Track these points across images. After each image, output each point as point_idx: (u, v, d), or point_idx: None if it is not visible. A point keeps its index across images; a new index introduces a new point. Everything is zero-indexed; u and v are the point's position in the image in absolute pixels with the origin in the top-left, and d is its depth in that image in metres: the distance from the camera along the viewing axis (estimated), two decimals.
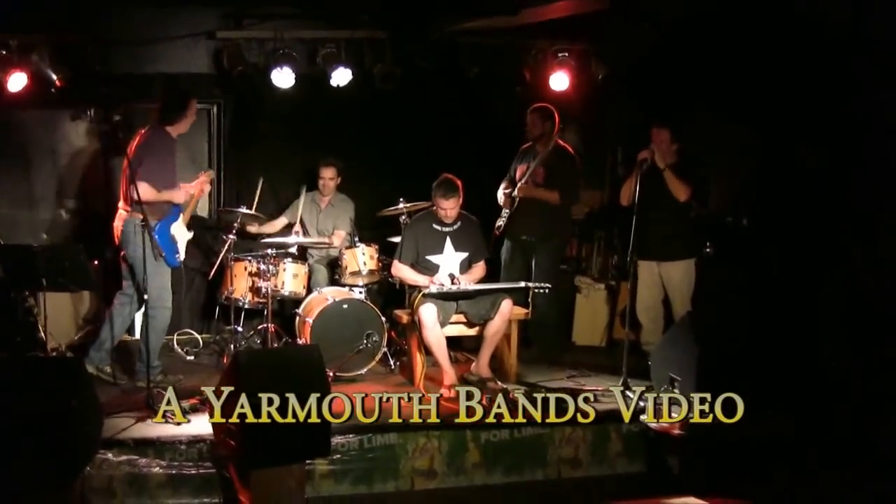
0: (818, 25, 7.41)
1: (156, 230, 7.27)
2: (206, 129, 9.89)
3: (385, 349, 8.24)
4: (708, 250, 8.44)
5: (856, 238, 7.53)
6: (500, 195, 8.73)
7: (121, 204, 7.50)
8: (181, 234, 7.70)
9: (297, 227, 9.01)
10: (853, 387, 7.14)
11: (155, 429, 6.52)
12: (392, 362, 8.46)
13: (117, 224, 7.47)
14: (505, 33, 9.08)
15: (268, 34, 9.04)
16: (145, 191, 7.15)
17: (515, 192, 8.47)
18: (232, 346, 8.40)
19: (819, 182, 7.98)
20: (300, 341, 8.21)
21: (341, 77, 8.99)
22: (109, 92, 8.89)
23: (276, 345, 8.35)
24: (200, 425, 6.54)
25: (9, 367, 6.20)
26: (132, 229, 7.27)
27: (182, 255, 7.73)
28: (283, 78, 8.85)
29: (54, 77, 8.34)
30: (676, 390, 7.03)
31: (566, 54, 9.25)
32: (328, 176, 9.07)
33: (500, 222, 8.65)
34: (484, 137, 9.37)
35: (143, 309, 7.54)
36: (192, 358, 8.69)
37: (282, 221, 9.20)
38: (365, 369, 8.06)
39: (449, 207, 7.73)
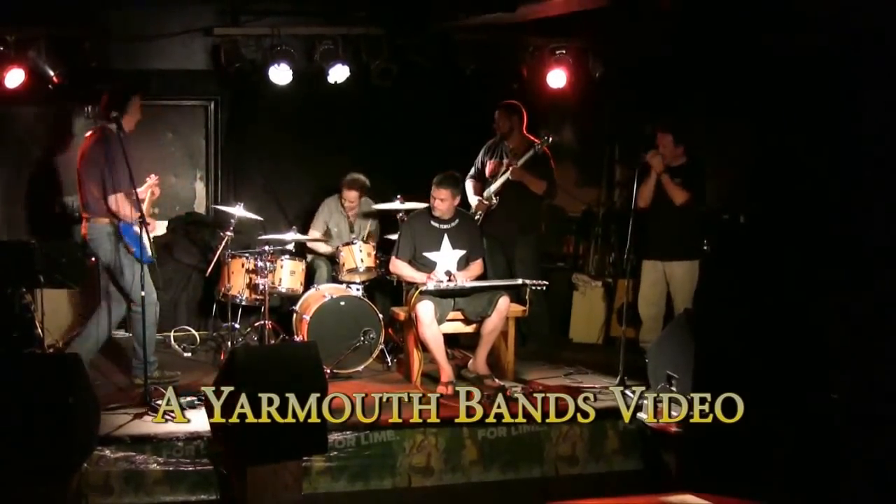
0: (816, 22, 7.41)
1: (121, 229, 7.24)
2: (203, 126, 9.91)
3: (382, 346, 8.24)
4: (706, 248, 8.46)
5: (854, 234, 7.54)
6: (473, 198, 8.75)
7: (82, 211, 7.49)
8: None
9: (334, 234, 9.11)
10: (853, 384, 7.14)
11: (152, 425, 6.52)
12: (389, 359, 8.46)
13: (84, 232, 7.46)
14: (502, 30, 9.09)
15: (265, 31, 9.03)
16: (121, 201, 7.16)
17: (508, 175, 8.44)
18: (229, 342, 8.39)
19: (816, 178, 7.99)
20: (297, 338, 8.21)
21: (339, 74, 8.99)
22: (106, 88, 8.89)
23: (273, 342, 8.34)
24: (198, 422, 6.53)
25: (6, 363, 6.21)
26: (97, 235, 7.25)
27: (149, 252, 7.51)
28: (280, 74, 8.85)
29: (51, 73, 8.34)
30: (674, 388, 7.03)
31: (563, 52, 9.26)
32: (351, 199, 9.03)
33: (476, 217, 8.67)
34: (481, 134, 9.36)
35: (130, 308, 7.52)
36: (190, 355, 8.69)
37: (315, 234, 9.10)
38: (362, 366, 8.06)
39: (440, 197, 7.73)
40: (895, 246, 7.19)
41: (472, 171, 8.93)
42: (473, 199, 8.77)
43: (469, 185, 8.86)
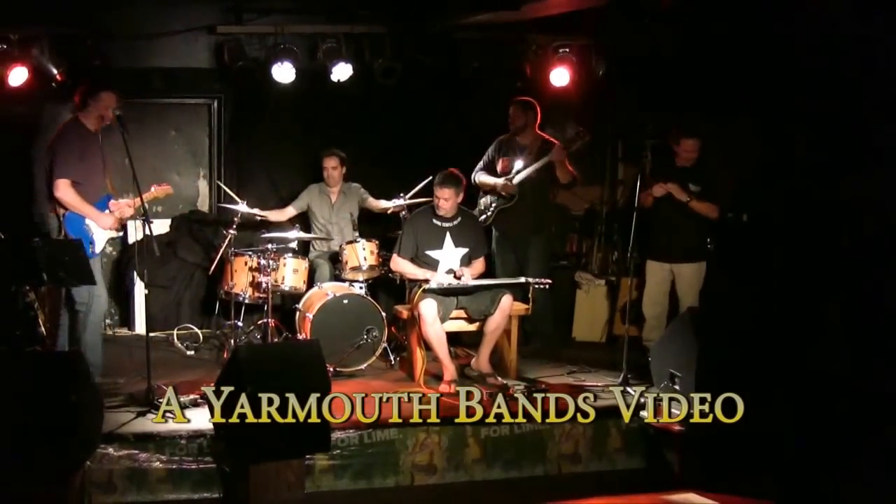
0: (820, 19, 7.40)
1: (65, 216, 7.19)
2: (207, 124, 9.91)
3: (385, 345, 8.24)
4: (709, 246, 8.45)
5: (858, 234, 7.53)
6: (497, 181, 8.65)
7: None
8: (98, 227, 7.42)
9: (317, 221, 9.07)
10: (854, 383, 7.14)
11: (155, 424, 6.52)
12: (392, 358, 8.45)
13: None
14: (505, 28, 9.08)
15: (268, 29, 9.04)
16: (62, 187, 7.11)
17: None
18: (232, 341, 8.38)
19: (820, 177, 7.97)
20: (300, 336, 8.21)
21: (342, 72, 8.98)
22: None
23: (276, 340, 8.35)
24: (201, 420, 6.54)
25: (9, 361, 6.21)
26: (51, 225, 7.28)
27: (98, 248, 7.41)
28: (283, 73, 8.84)
29: (54, 71, 8.33)
30: (677, 387, 7.03)
31: (566, 50, 9.24)
32: (331, 166, 8.99)
33: (488, 213, 8.65)
34: (484, 133, 9.36)
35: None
36: (193, 353, 8.70)
37: (290, 212, 9.12)
38: (365, 364, 8.07)
39: (444, 197, 7.74)
40: None
41: (481, 164, 8.88)
42: (499, 181, 8.68)
43: (482, 174, 8.82)
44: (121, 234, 7.55)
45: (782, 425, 6.81)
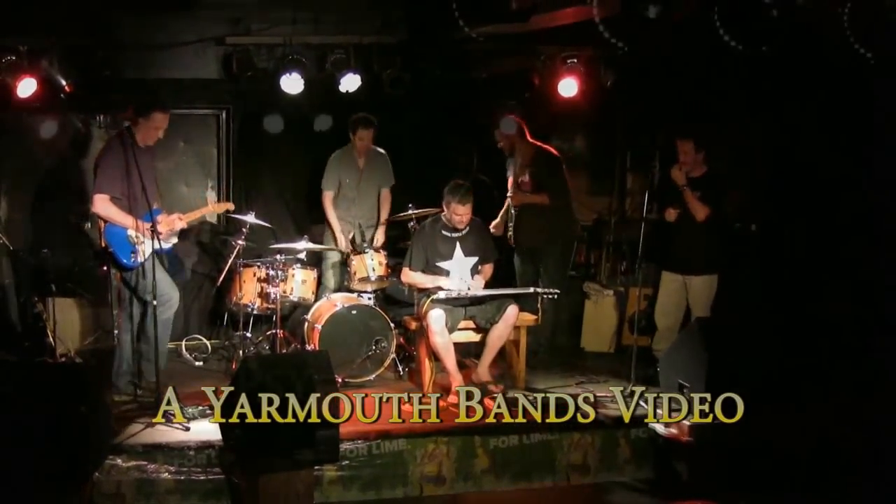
0: (830, 30, 7.40)
1: (105, 228, 7.13)
2: (215, 135, 9.91)
3: (394, 355, 8.23)
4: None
5: (866, 243, 7.52)
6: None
7: None
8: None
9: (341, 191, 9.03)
10: (863, 391, 7.13)
11: (164, 434, 6.53)
12: (401, 368, 8.45)
13: None
14: (514, 39, 9.08)
15: (276, 40, 9.03)
16: (101, 202, 7.06)
17: (510, 201, 8.49)
18: (241, 351, 8.39)
19: (828, 187, 7.97)
20: (309, 347, 8.21)
21: (350, 83, 8.97)
22: (119, 98, 8.90)
23: (284, 351, 8.35)
24: (209, 431, 6.53)
25: (18, 372, 6.22)
26: (94, 236, 7.27)
27: (141, 256, 7.21)
28: (292, 83, 8.84)
29: (64, 82, 8.35)
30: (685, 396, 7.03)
31: (575, 60, 9.24)
32: (368, 137, 8.94)
33: (506, 226, 8.67)
34: (492, 143, 9.36)
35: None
36: (201, 364, 8.69)
37: (331, 195, 9.03)
38: (374, 375, 8.06)
39: (465, 213, 7.71)
40: None
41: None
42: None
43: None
44: (175, 241, 7.49)
45: (791, 435, 6.81)
